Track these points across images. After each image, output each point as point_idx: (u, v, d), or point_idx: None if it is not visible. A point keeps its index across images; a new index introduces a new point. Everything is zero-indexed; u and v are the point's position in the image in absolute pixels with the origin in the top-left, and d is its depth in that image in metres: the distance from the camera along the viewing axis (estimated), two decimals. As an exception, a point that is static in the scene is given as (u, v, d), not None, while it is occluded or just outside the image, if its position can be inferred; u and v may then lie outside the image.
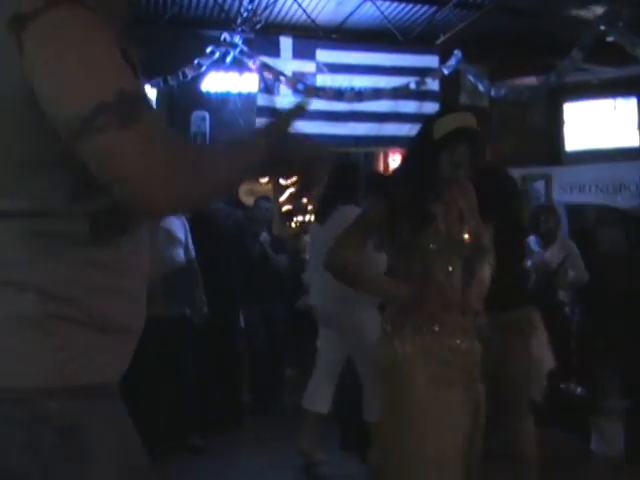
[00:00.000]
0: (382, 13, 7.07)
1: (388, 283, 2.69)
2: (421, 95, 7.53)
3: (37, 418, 1.15)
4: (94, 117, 1.10)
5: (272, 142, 1.32)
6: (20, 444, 1.15)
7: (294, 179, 1.46)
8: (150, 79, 6.83)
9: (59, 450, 1.16)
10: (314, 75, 7.39)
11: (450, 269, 2.63)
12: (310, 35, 7.43)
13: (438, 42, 7.56)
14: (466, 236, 2.69)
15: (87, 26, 1.14)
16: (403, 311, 2.59)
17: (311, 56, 7.41)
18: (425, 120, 2.83)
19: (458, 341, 2.60)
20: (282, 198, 8.53)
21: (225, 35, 6.95)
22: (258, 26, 7.14)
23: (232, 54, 7.01)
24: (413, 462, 2.47)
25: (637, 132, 7.83)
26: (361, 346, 4.15)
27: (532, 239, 6.04)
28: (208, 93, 7.49)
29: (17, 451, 1.15)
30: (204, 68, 6.99)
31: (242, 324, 5.84)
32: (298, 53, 7.37)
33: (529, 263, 5.83)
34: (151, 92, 7.12)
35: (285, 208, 7.98)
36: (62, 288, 1.20)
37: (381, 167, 8.11)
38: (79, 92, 1.12)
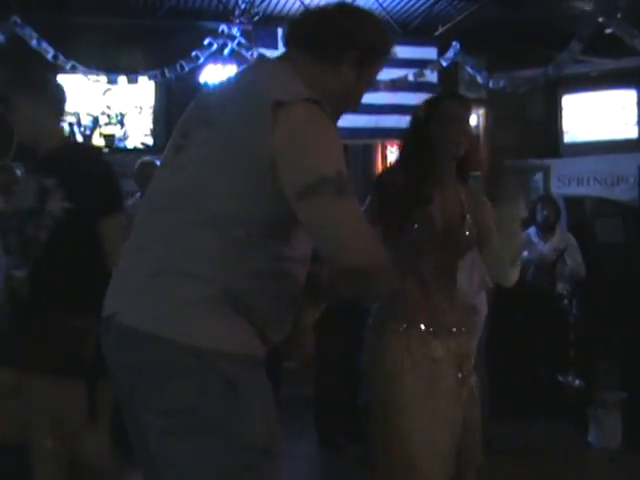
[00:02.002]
0: (380, 5, 7.05)
1: None
2: (419, 87, 7.50)
3: (209, 369, 1.58)
4: (317, 185, 1.53)
5: None
6: (193, 386, 1.58)
7: None
8: (148, 71, 6.82)
9: (222, 395, 1.59)
10: (312, 67, 7.36)
11: (442, 265, 2.49)
12: (308, 27, 7.40)
13: (436, 34, 7.55)
14: (467, 232, 2.52)
15: (322, 120, 1.62)
16: (389, 309, 2.48)
17: (309, 48, 7.39)
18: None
19: (451, 342, 2.48)
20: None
21: (223, 27, 6.92)
22: (256, 18, 7.11)
23: (230, 46, 6.98)
24: (402, 461, 2.40)
25: (636, 124, 7.82)
26: None
27: (531, 231, 6.04)
28: (206, 85, 7.47)
29: (190, 390, 1.57)
30: (202, 60, 6.97)
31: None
32: (296, 45, 7.35)
33: (528, 257, 5.84)
34: (149, 84, 7.11)
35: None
36: (240, 290, 1.62)
37: (379, 159, 8.11)
38: (310, 165, 1.57)
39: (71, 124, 7.13)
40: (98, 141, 7.22)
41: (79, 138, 7.16)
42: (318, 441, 4.87)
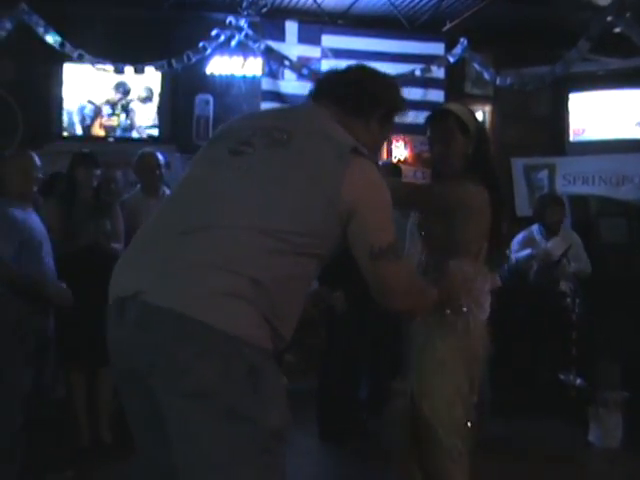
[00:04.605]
0: (388, 0, 7.04)
1: None
2: (426, 82, 7.48)
3: (235, 354, 1.69)
4: (387, 250, 1.92)
5: (440, 296, 2.37)
6: (218, 368, 1.68)
7: None
8: (154, 62, 6.80)
9: (245, 379, 1.70)
10: (319, 60, 7.35)
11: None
12: (316, 20, 7.39)
13: (444, 29, 7.52)
14: (434, 230, 2.87)
15: (385, 185, 1.97)
16: None
17: (316, 41, 7.38)
18: None
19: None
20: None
21: (230, 18, 6.90)
22: (264, 10, 7.10)
23: (237, 38, 6.96)
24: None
25: (642, 124, 7.79)
26: None
27: (535, 228, 6.03)
28: (212, 76, 7.45)
29: (214, 372, 1.67)
30: (209, 51, 6.94)
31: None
32: (303, 38, 7.34)
33: (531, 252, 5.83)
34: (155, 75, 7.10)
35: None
36: (270, 289, 1.76)
37: (385, 154, 8.08)
38: (383, 232, 1.93)
39: (70, 112, 7.07)
40: (98, 131, 7.18)
41: (78, 128, 7.11)
42: (318, 434, 4.88)
